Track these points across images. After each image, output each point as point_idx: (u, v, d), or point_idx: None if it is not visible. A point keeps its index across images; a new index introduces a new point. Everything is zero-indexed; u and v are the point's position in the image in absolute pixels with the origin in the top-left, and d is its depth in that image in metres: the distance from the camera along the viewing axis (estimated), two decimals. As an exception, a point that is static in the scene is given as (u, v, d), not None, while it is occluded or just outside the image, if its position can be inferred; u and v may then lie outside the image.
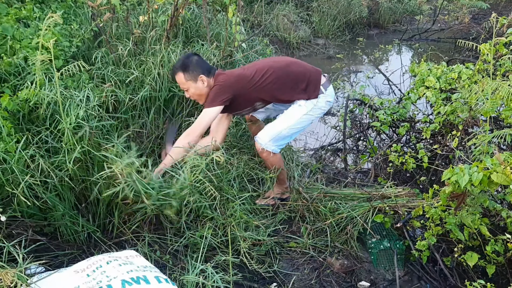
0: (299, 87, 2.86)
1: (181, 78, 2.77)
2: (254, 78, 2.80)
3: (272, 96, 2.88)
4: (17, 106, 2.59)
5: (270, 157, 2.88)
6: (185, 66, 2.75)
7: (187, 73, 2.74)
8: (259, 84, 2.81)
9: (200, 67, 2.77)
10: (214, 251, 2.53)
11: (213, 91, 2.76)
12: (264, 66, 2.85)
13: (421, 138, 3.60)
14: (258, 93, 2.83)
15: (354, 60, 6.97)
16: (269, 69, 2.83)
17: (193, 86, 2.78)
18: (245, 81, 2.80)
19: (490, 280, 2.24)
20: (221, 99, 2.74)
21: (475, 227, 2.32)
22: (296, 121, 2.85)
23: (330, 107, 3.08)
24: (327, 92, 2.92)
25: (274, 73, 2.82)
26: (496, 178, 1.99)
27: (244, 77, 2.81)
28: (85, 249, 2.47)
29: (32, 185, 2.28)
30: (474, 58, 5.56)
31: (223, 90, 2.75)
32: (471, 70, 3.30)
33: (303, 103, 2.86)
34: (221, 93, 2.74)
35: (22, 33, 3.13)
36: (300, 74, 2.87)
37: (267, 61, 2.95)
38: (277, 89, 2.83)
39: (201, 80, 2.76)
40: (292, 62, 2.94)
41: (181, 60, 2.79)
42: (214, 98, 2.74)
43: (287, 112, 2.89)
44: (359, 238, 2.81)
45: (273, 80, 2.81)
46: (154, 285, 1.76)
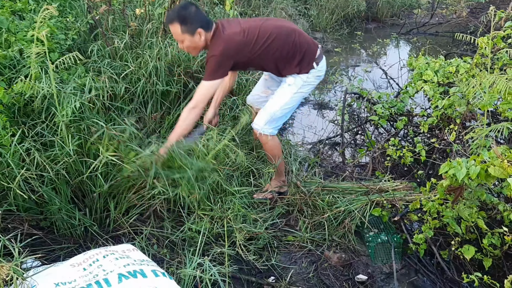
0: (295, 59, 2.75)
1: (177, 30, 2.58)
2: (255, 45, 2.66)
3: (268, 65, 2.79)
4: (12, 99, 2.57)
5: (269, 140, 2.87)
6: (183, 18, 2.55)
7: (184, 26, 2.56)
8: (260, 52, 2.68)
9: (198, 19, 2.59)
10: (211, 245, 2.53)
11: (212, 62, 2.60)
12: (266, 29, 2.68)
13: (418, 132, 3.60)
14: (256, 61, 2.74)
15: (352, 54, 6.96)
16: (271, 34, 2.68)
17: (188, 39, 2.61)
18: (247, 49, 2.65)
19: (486, 273, 2.25)
20: (221, 71, 2.62)
21: (472, 220, 2.32)
22: (287, 101, 2.80)
23: (322, 79, 2.99)
24: (319, 67, 2.84)
25: (276, 40, 2.69)
26: (493, 171, 1.99)
27: (245, 45, 2.64)
28: (81, 243, 2.46)
29: (28, 178, 2.26)
30: (472, 52, 5.56)
31: (224, 61, 2.61)
32: (469, 64, 3.30)
33: (292, 81, 2.79)
34: (222, 65, 2.61)
35: (17, 25, 3.11)
36: (299, 45, 2.75)
37: (268, 25, 2.74)
38: (276, 59, 2.73)
39: (198, 33, 2.59)
40: (294, 30, 2.78)
41: (178, 10, 2.59)
42: (216, 71, 2.61)
43: (278, 93, 2.84)
44: (356, 231, 2.81)
45: (274, 48, 2.69)
46: (151, 278, 1.75)
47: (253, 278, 2.43)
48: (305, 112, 4.82)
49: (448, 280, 2.48)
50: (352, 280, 2.52)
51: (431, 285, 2.52)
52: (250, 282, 2.42)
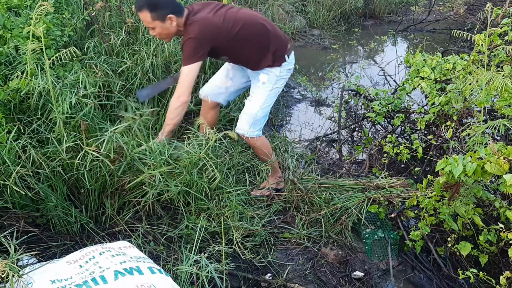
0: (270, 50, 2.73)
1: (147, 17, 2.52)
2: (232, 31, 2.62)
3: (244, 55, 2.75)
4: (8, 96, 2.56)
5: (256, 141, 2.87)
6: (153, 4, 2.48)
7: (154, 12, 2.50)
8: (237, 39, 2.64)
9: (169, 5, 2.53)
10: (208, 242, 2.52)
11: (190, 45, 2.56)
12: (239, 20, 2.65)
13: (415, 128, 3.60)
14: (229, 50, 2.72)
15: (349, 50, 6.95)
16: (247, 22, 2.66)
17: (160, 26, 2.56)
18: (224, 34, 2.61)
19: (482, 269, 2.25)
20: (200, 53, 2.58)
21: (469, 217, 2.32)
22: (265, 99, 2.80)
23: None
24: (289, 60, 2.84)
25: (252, 29, 2.68)
26: (489, 168, 1.99)
27: (221, 29, 2.60)
28: (78, 240, 2.46)
29: (24, 175, 2.26)
30: (469, 49, 5.56)
31: (201, 43, 2.57)
32: (466, 61, 3.30)
33: (266, 79, 2.77)
34: (199, 48, 2.57)
35: (13, 22, 3.09)
36: (273, 36, 2.75)
37: (241, 14, 2.71)
38: (251, 48, 2.71)
39: (169, 19, 2.54)
40: (267, 22, 2.78)
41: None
42: (193, 54, 2.57)
43: (254, 94, 2.81)
44: (353, 228, 2.81)
45: (250, 36, 2.67)
46: (147, 275, 1.75)
47: (250, 275, 2.43)
48: (302, 109, 4.82)
49: (445, 276, 2.49)
50: (349, 277, 2.52)
51: (427, 282, 2.53)
52: (247, 279, 2.42)
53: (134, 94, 3.06)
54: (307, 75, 5.58)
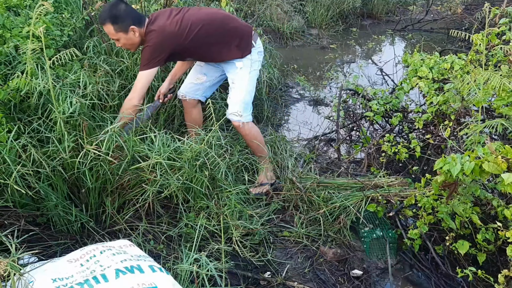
0: (233, 43, 2.83)
1: (111, 30, 2.63)
2: (189, 34, 2.70)
3: (206, 55, 2.86)
4: (8, 96, 2.56)
5: (250, 128, 2.92)
6: (115, 17, 2.59)
7: (116, 24, 2.60)
8: (195, 41, 2.73)
9: (130, 17, 2.63)
10: (207, 241, 2.54)
11: (147, 52, 2.66)
12: (197, 21, 2.73)
13: (413, 128, 3.61)
14: (192, 51, 2.81)
15: (347, 50, 6.96)
16: (205, 22, 2.74)
17: (123, 37, 2.66)
18: (180, 39, 2.69)
19: (480, 268, 2.27)
20: (156, 60, 2.67)
21: (467, 215, 2.34)
22: (248, 82, 2.89)
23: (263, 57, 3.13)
24: (257, 45, 2.95)
25: (211, 28, 2.76)
26: (487, 167, 2.01)
27: (177, 36, 2.69)
28: (78, 239, 2.47)
29: (25, 175, 2.26)
30: (467, 49, 5.58)
31: (158, 50, 2.66)
32: (464, 61, 3.31)
33: (241, 64, 2.87)
34: (155, 54, 2.66)
35: (12, 21, 3.09)
36: (235, 29, 2.84)
37: (200, 14, 2.80)
38: (212, 45, 2.79)
39: (132, 30, 2.64)
40: (225, 17, 2.88)
41: (108, 10, 2.61)
42: (149, 60, 2.66)
43: (236, 81, 2.90)
44: (352, 227, 2.83)
45: (209, 35, 2.75)
46: (148, 274, 1.76)
47: (249, 274, 2.45)
48: (301, 108, 4.83)
49: (443, 275, 2.51)
50: (348, 275, 2.54)
51: (425, 280, 2.55)
52: (246, 277, 2.43)
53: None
54: (305, 75, 5.60)
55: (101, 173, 2.48)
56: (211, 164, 2.69)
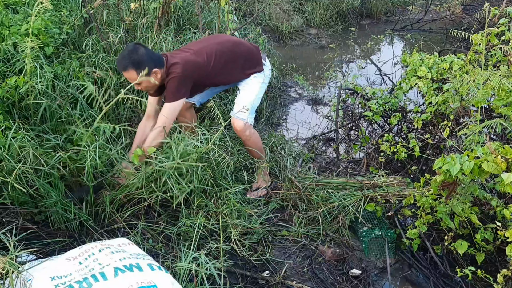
0: (247, 65, 2.92)
1: (133, 76, 2.56)
2: (207, 65, 2.75)
3: (225, 80, 2.91)
4: (7, 94, 2.55)
5: (251, 133, 2.90)
6: (138, 63, 2.54)
7: (139, 70, 2.53)
8: (213, 71, 2.78)
9: (151, 60, 2.59)
10: (206, 239, 2.53)
11: (173, 83, 2.65)
12: (211, 50, 2.79)
13: (412, 127, 3.61)
14: (212, 79, 2.85)
15: (346, 50, 6.96)
16: (217, 53, 2.79)
17: (145, 81, 2.58)
18: (202, 70, 2.74)
19: (479, 267, 2.27)
20: (184, 91, 2.70)
21: (466, 215, 2.34)
22: (258, 90, 2.95)
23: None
24: (267, 63, 3.06)
25: (225, 57, 2.82)
26: (486, 167, 2.01)
27: (199, 65, 2.73)
28: (76, 237, 2.46)
29: (24, 172, 2.25)
30: (466, 49, 5.58)
31: (184, 81, 2.68)
32: (463, 61, 3.31)
33: (255, 75, 2.95)
34: (182, 85, 2.68)
35: (11, 19, 3.08)
36: (246, 53, 2.93)
37: (211, 43, 2.87)
38: (229, 73, 2.86)
39: (154, 73, 2.61)
40: (235, 42, 2.96)
41: (128, 56, 2.55)
42: (178, 91, 2.67)
43: (247, 86, 2.93)
44: (350, 226, 2.83)
45: (225, 64, 2.82)
46: (147, 272, 1.75)
47: (248, 273, 2.44)
48: (300, 108, 4.83)
49: (441, 274, 2.51)
50: (346, 275, 2.54)
51: (424, 280, 2.55)
52: (244, 276, 2.43)
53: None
54: (304, 74, 5.60)
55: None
56: (214, 163, 2.69)
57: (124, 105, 3.27)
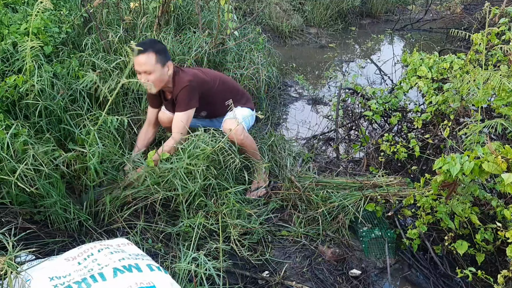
0: (241, 102, 3.07)
1: (151, 59, 2.64)
2: (213, 85, 2.90)
3: (221, 109, 2.95)
4: (6, 93, 2.55)
5: (245, 136, 2.86)
6: (158, 49, 2.67)
7: (159, 56, 2.65)
8: (215, 94, 2.90)
9: (168, 54, 2.75)
10: (205, 240, 2.53)
11: (185, 92, 2.75)
12: (216, 75, 3.00)
13: (412, 127, 3.61)
14: (211, 102, 2.92)
15: (346, 49, 6.96)
16: (221, 79, 2.98)
17: (159, 70, 2.68)
18: (207, 87, 2.87)
19: (479, 268, 2.27)
20: (194, 100, 2.80)
21: (466, 215, 2.34)
22: (248, 114, 3.05)
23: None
24: (253, 110, 3.16)
25: (227, 85, 3.00)
26: (487, 167, 2.00)
27: (206, 82, 2.88)
28: (76, 237, 2.45)
29: (25, 171, 2.25)
30: (466, 49, 5.58)
31: (194, 91, 2.78)
32: (463, 60, 3.31)
33: (245, 107, 3.08)
34: (193, 95, 2.78)
35: (10, 18, 3.08)
36: (243, 91, 3.16)
37: (216, 72, 3.10)
38: (225, 99, 2.85)
39: (167, 66, 2.72)
40: (234, 81, 3.22)
41: (150, 42, 2.72)
42: (189, 100, 2.77)
43: (237, 109, 2.95)
44: (350, 226, 2.82)
45: (225, 92, 2.95)
46: (146, 273, 1.75)
47: (247, 273, 2.44)
48: (299, 108, 4.82)
49: (441, 275, 2.51)
50: (346, 275, 2.53)
51: (424, 280, 2.55)
52: (244, 276, 2.43)
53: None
54: (304, 74, 5.59)
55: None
56: (221, 163, 2.70)
57: (124, 104, 3.26)
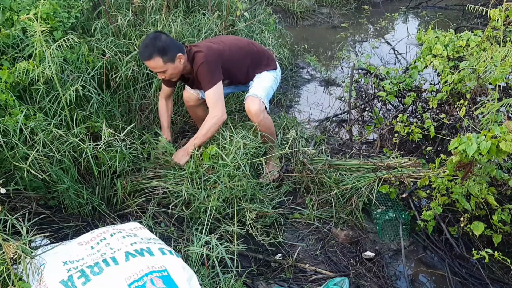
0: (262, 63, 2.98)
1: (159, 63, 2.59)
2: (230, 54, 2.81)
3: (241, 76, 2.93)
4: (17, 79, 2.55)
5: (265, 117, 2.83)
6: (162, 49, 2.56)
7: (165, 56, 2.58)
8: (233, 63, 2.83)
9: (175, 45, 2.64)
10: (218, 223, 2.52)
11: (204, 69, 2.67)
12: (231, 45, 2.87)
13: (427, 107, 3.54)
14: (231, 71, 2.84)
15: (359, 29, 6.83)
16: (237, 48, 2.88)
17: (171, 67, 2.64)
18: (224, 57, 2.78)
19: (496, 249, 2.23)
20: (218, 72, 2.73)
21: (482, 196, 2.29)
22: (271, 82, 2.97)
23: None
24: (278, 66, 3.12)
25: (243, 51, 2.90)
26: (504, 146, 1.95)
27: (221, 52, 2.78)
28: (89, 221, 2.47)
29: (37, 158, 2.26)
30: (483, 26, 5.43)
31: (213, 64, 2.70)
32: (480, 37, 3.21)
33: (267, 71, 3.00)
34: (214, 68, 2.71)
35: (19, 4, 3.07)
36: (262, 52, 3.02)
37: (229, 38, 3.02)
38: (247, 68, 2.91)
39: (179, 58, 2.64)
40: (250, 42, 3.05)
41: (152, 44, 2.57)
42: (211, 75, 2.70)
43: (260, 78, 2.95)
44: (364, 209, 2.80)
45: (243, 59, 2.88)
46: (158, 257, 1.75)
47: (260, 256, 2.44)
48: (312, 90, 4.76)
49: (457, 256, 2.47)
50: (360, 257, 2.52)
51: (439, 262, 2.52)
52: (257, 259, 2.43)
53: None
54: (316, 55, 5.51)
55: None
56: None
57: (135, 88, 3.25)
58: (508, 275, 2.39)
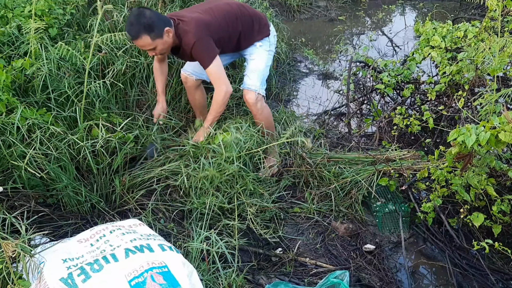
0: (254, 29, 2.87)
1: (147, 40, 2.50)
2: (218, 24, 2.70)
3: (233, 44, 2.85)
4: (12, 76, 2.53)
5: (263, 107, 2.85)
6: (148, 26, 2.46)
7: (153, 33, 2.49)
8: (224, 32, 2.73)
9: (161, 20, 2.53)
10: (218, 218, 2.52)
11: (199, 47, 2.60)
12: (220, 11, 2.75)
13: (426, 99, 3.53)
14: (222, 40, 2.75)
15: (356, 22, 6.80)
16: (226, 15, 2.75)
17: (160, 43, 2.55)
18: (214, 28, 2.67)
19: (496, 240, 2.23)
20: (212, 46, 2.64)
21: (482, 187, 2.29)
22: (266, 58, 2.91)
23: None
24: (272, 29, 3.00)
25: (232, 19, 2.77)
26: (504, 137, 1.95)
27: (210, 24, 2.67)
28: (89, 219, 2.47)
29: (34, 156, 2.25)
30: (481, 16, 5.41)
31: (206, 39, 2.62)
32: (478, 28, 3.20)
33: (260, 43, 2.90)
34: (207, 43, 2.63)
35: (14, 1, 3.05)
36: (254, 15, 2.89)
37: (219, 3, 2.84)
38: (238, 35, 2.81)
39: (167, 32, 2.54)
40: (241, 5, 2.90)
41: (137, 22, 2.47)
42: (207, 52, 2.63)
43: (255, 55, 2.89)
44: (363, 201, 2.79)
45: (233, 25, 2.77)
46: (158, 253, 1.75)
47: (261, 250, 2.44)
48: (310, 83, 4.75)
49: (457, 247, 2.48)
50: (360, 250, 2.52)
51: (439, 253, 2.52)
52: (257, 254, 2.43)
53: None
54: (314, 48, 5.49)
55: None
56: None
57: (132, 84, 3.24)
58: (508, 265, 2.39)
